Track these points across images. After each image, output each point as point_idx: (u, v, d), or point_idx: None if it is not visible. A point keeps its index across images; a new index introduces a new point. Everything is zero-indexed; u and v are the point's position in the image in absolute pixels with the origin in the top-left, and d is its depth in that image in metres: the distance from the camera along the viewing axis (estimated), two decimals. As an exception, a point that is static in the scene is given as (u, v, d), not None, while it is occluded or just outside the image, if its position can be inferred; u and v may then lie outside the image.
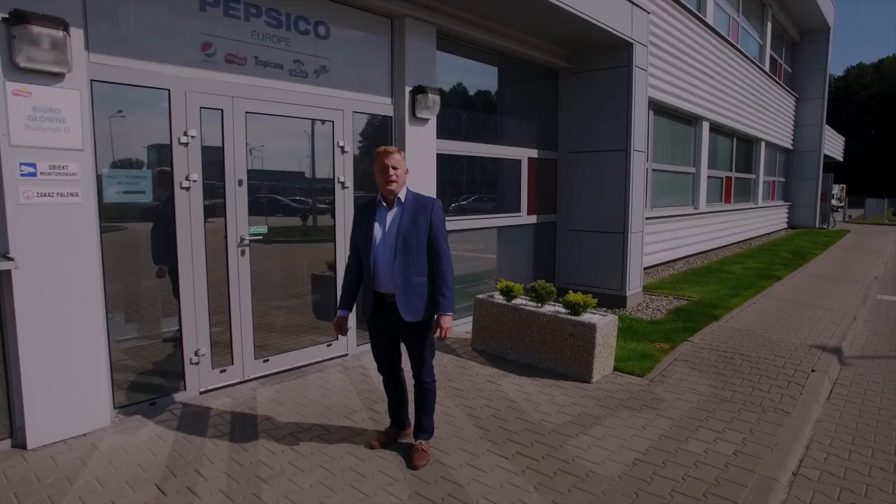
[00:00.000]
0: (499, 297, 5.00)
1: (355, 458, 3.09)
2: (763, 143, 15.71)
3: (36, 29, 2.86)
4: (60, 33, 2.96)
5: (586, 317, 4.44)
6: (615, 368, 4.58)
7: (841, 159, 23.96)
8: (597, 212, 6.95)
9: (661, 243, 9.59)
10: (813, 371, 4.55)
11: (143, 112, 3.63)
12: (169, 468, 2.95)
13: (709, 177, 11.92)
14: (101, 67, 3.32)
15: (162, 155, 3.69)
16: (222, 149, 3.94)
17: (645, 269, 9.10)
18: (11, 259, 2.94)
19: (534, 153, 6.89)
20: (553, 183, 7.28)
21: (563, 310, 4.59)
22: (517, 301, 4.90)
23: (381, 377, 3.33)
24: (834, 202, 35.15)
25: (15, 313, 3.00)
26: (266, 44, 4.14)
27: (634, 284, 6.97)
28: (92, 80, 3.29)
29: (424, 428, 3.15)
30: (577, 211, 7.15)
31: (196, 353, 3.90)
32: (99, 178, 3.38)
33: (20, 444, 3.11)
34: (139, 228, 3.73)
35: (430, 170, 5.25)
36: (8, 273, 2.97)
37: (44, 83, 3.02)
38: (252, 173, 4.13)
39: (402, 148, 4.95)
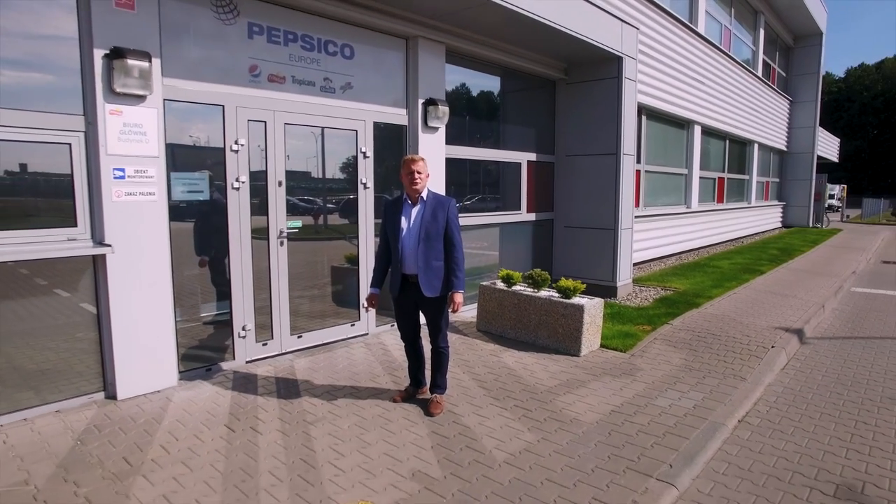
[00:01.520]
0: (500, 284, 5.70)
1: (382, 409, 3.80)
2: (756, 145, 16.34)
3: (129, 62, 3.58)
4: (146, 64, 3.68)
5: (576, 300, 5.13)
6: (601, 345, 5.27)
7: (836, 160, 24.51)
8: (590, 210, 7.64)
9: (654, 240, 10.26)
10: (773, 347, 5.23)
11: (202, 124, 4.35)
12: (232, 414, 3.66)
13: (701, 178, 12.58)
14: (171, 89, 4.04)
15: (215, 160, 4.40)
16: (265, 155, 4.66)
17: (638, 264, 9.79)
18: (109, 245, 3.66)
19: (533, 156, 7.59)
20: (550, 184, 7.97)
21: (556, 294, 5.28)
22: (516, 287, 5.60)
23: (401, 346, 4.03)
24: (834, 202, 35.48)
25: (109, 289, 3.71)
26: (301, 64, 4.85)
27: (624, 276, 7.65)
28: (165, 100, 4.00)
29: (439, 384, 3.85)
30: (573, 209, 7.84)
31: (243, 329, 4.62)
32: (168, 179, 4.09)
33: (111, 395, 3.83)
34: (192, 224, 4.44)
35: (440, 172, 5.95)
36: (103, 257, 3.69)
37: (131, 104, 3.74)
38: (289, 174, 4.83)
39: (415, 153, 5.68)
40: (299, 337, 5.03)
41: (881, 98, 65.22)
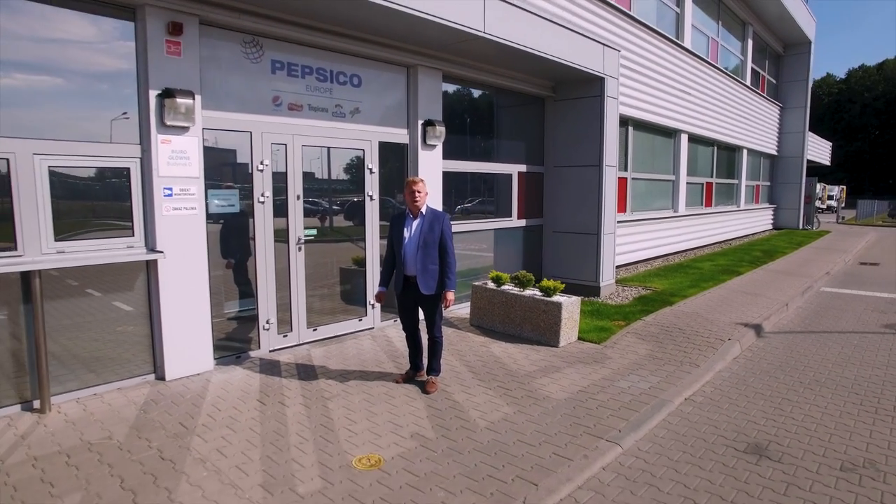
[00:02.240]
0: (490, 284, 6.43)
1: (386, 388, 4.54)
2: (745, 151, 17.01)
3: (178, 100, 4.33)
4: (191, 101, 4.44)
5: (556, 298, 5.86)
6: (579, 338, 6.00)
7: (828, 163, 25.08)
8: (576, 216, 8.37)
9: (641, 243, 10.98)
10: (728, 340, 5.95)
11: (233, 147, 5.10)
12: (262, 392, 4.41)
13: (688, 183, 13.28)
14: (209, 119, 4.80)
15: (244, 177, 5.15)
16: (285, 173, 5.41)
17: (625, 265, 10.51)
18: (161, 252, 4.41)
19: (523, 168, 8.32)
20: (540, 192, 8.70)
21: (539, 293, 6.02)
22: (504, 287, 6.34)
23: (403, 338, 4.78)
24: (833, 203, 35.92)
25: (160, 288, 4.47)
26: (316, 94, 5.60)
27: (607, 277, 8.38)
28: (204, 129, 4.75)
29: (434, 368, 4.60)
30: (560, 216, 8.57)
31: (267, 322, 5.37)
32: (206, 195, 4.84)
33: (161, 377, 4.59)
34: (226, 232, 5.19)
35: (437, 185, 6.70)
36: (155, 261, 4.45)
37: (178, 134, 4.50)
38: (305, 190, 5.58)
39: (415, 168, 6.45)
40: (314, 330, 5.78)
41: (882, 99, 65.51)
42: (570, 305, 5.83)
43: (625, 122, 10.28)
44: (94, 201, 4.35)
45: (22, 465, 3.20)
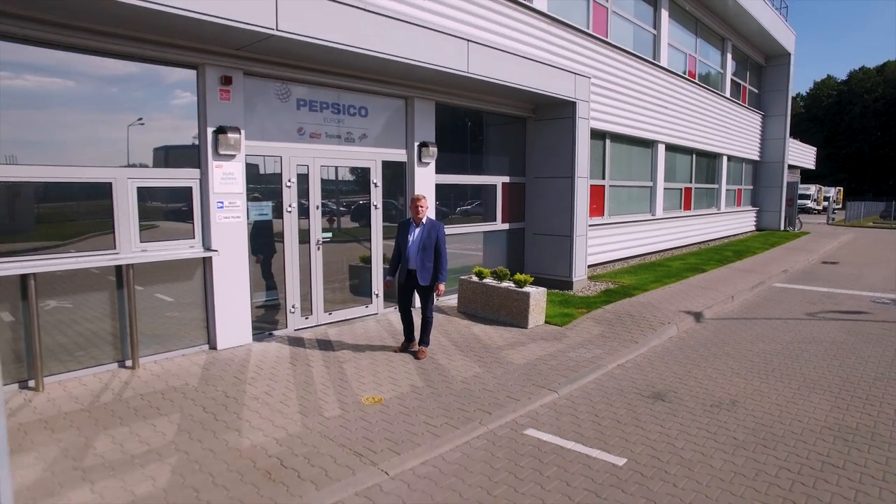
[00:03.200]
0: (474, 278, 7.77)
1: (387, 356, 5.89)
2: (725, 158, 18.24)
3: (229, 135, 5.70)
4: (238, 135, 5.80)
5: (526, 289, 7.18)
6: (545, 321, 7.32)
7: (813, 167, 26.19)
8: (552, 221, 9.68)
9: (619, 244, 12.27)
10: (668, 323, 7.25)
11: (268, 168, 6.46)
12: (292, 357, 5.76)
13: (666, 188, 14.55)
14: (250, 147, 6.16)
15: (275, 192, 6.51)
16: (307, 188, 6.76)
17: (602, 263, 11.82)
18: (216, 250, 5.78)
19: (507, 179, 9.65)
20: (522, 200, 10.03)
21: (513, 285, 7.34)
22: (486, 280, 7.66)
23: (399, 316, 6.13)
24: (831, 204, 36.98)
25: (214, 278, 5.84)
26: (331, 124, 6.95)
27: (579, 273, 9.68)
28: (246, 155, 6.11)
29: (425, 341, 5.94)
30: (539, 220, 9.88)
31: (293, 307, 6.73)
32: (247, 207, 6.20)
33: (213, 346, 5.95)
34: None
35: (431, 196, 8.03)
36: (211, 258, 5.81)
37: (228, 160, 5.87)
38: (322, 196, 6.94)
39: (412, 182, 7.79)
40: (330, 314, 7.14)
41: (882, 101, 66.18)
42: (538, 295, 7.15)
43: (602, 135, 11.59)
44: (165, 212, 5.72)
45: (132, 399, 4.57)
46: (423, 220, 5.79)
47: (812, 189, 43.68)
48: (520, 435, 4.17)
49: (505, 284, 7.41)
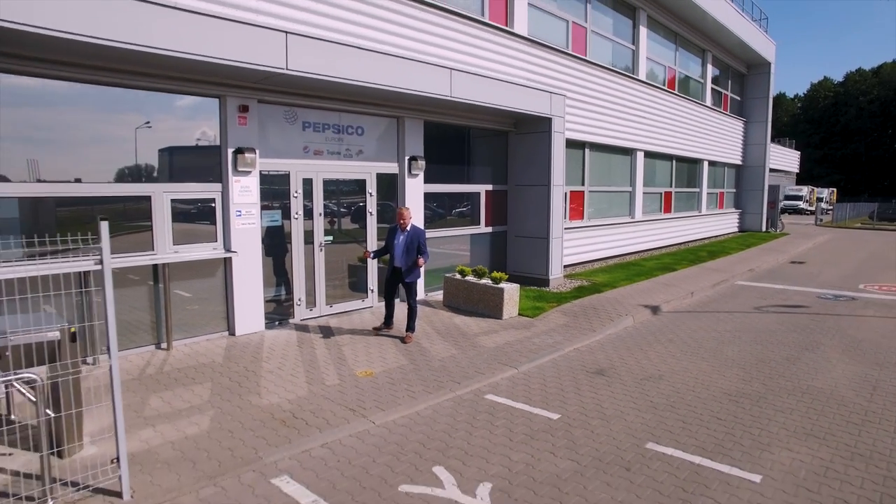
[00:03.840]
0: (457, 276, 8.84)
1: (379, 341, 6.97)
2: (706, 163, 19.26)
3: (246, 155, 6.79)
4: (253, 155, 6.89)
5: (502, 285, 8.25)
6: (519, 313, 8.39)
7: (797, 171, 27.19)
8: (531, 224, 10.75)
9: (598, 245, 13.32)
10: (627, 315, 8.31)
11: (277, 182, 7.55)
12: (299, 341, 6.84)
13: (645, 193, 15.58)
14: (263, 164, 7.24)
15: (284, 201, 7.59)
16: (311, 198, 7.84)
17: (581, 263, 12.87)
18: (235, 252, 6.88)
19: (490, 187, 10.72)
20: (504, 206, 11.10)
21: (490, 281, 8.41)
22: (467, 277, 8.74)
23: (384, 304, 7.24)
24: (824, 205, 37.84)
25: (233, 275, 6.93)
26: (332, 142, 8.03)
27: (556, 272, 10.75)
28: (260, 171, 7.20)
29: (411, 327, 7.04)
30: (519, 224, 10.96)
31: (299, 300, 7.82)
32: (261, 215, 7.28)
33: (232, 333, 7.05)
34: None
35: (419, 204, 9.12)
36: (231, 258, 6.91)
37: (245, 176, 6.95)
38: (325, 209, 8.02)
39: (403, 192, 8.88)
40: (331, 307, 8.23)
41: (877, 102, 67.01)
42: (511, 290, 8.23)
43: (582, 145, 12.65)
44: (194, 219, 6.80)
45: (171, 372, 5.66)
46: (408, 227, 6.87)
47: (804, 190, 44.61)
48: (480, 399, 5.25)
49: (483, 281, 8.49)
